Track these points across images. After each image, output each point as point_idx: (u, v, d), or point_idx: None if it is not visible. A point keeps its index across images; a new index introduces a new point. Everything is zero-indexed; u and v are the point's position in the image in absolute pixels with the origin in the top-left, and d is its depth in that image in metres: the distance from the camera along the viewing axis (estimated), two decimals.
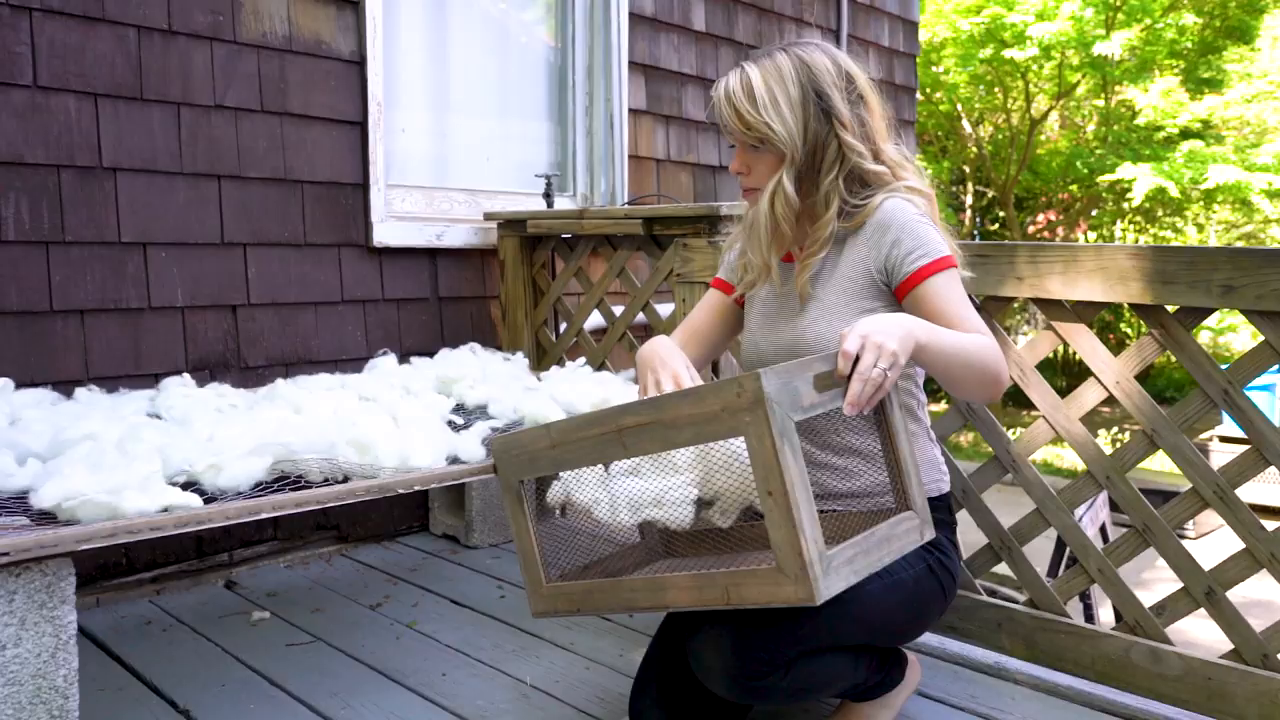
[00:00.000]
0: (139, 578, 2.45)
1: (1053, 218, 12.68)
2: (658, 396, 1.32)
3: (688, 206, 2.57)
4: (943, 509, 1.70)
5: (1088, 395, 1.89)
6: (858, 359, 1.32)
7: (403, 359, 2.58)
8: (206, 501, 1.40)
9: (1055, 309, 1.90)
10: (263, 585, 2.55)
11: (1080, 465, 6.16)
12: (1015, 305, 2.03)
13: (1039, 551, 2.08)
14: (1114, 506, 3.16)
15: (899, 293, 1.58)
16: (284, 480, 1.51)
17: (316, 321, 2.76)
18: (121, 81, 2.37)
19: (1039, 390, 1.94)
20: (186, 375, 2.15)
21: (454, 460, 1.70)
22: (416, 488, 1.55)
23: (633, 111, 3.65)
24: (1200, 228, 11.82)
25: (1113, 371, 1.84)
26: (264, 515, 1.37)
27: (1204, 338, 9.59)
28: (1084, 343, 1.87)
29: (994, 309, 1.98)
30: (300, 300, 2.72)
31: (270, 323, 2.67)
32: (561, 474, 1.52)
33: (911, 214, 1.57)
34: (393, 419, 1.97)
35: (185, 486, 1.45)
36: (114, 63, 2.35)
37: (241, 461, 1.47)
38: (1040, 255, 1.89)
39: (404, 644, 2.16)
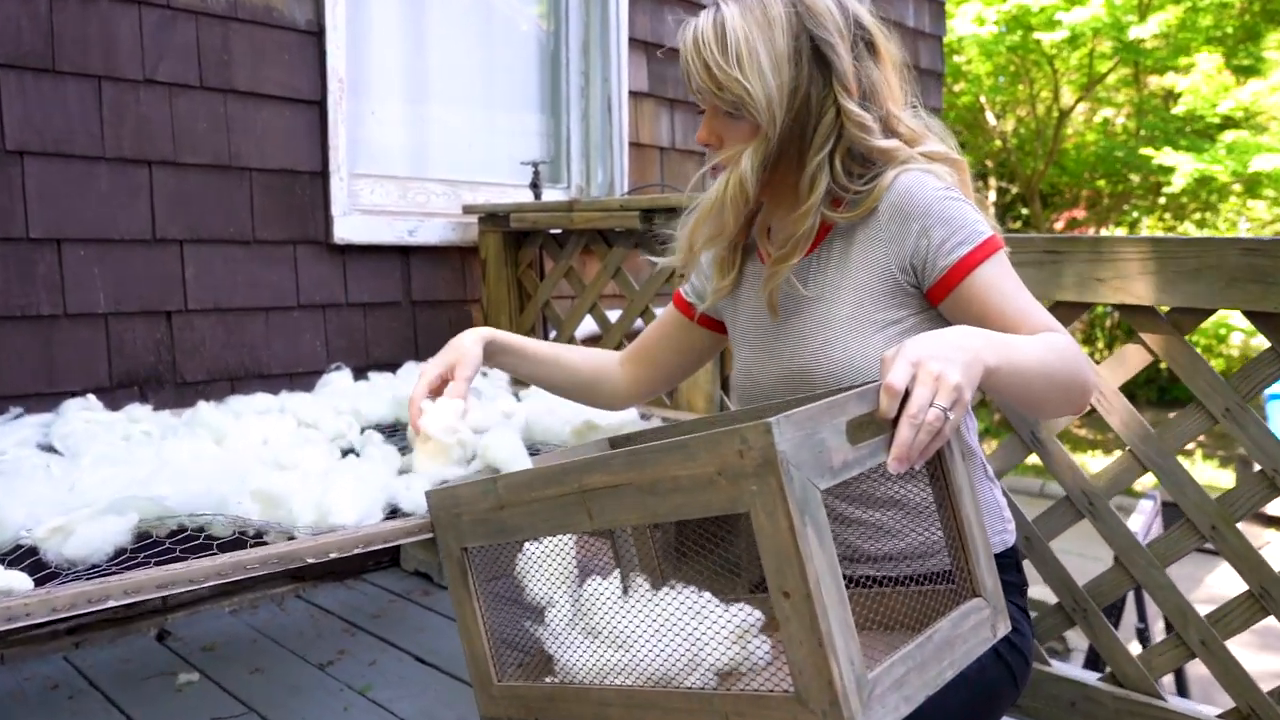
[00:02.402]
0: (54, 628, 2.10)
1: (1077, 215, 12.23)
2: (634, 450, 0.96)
3: (692, 196, 2.20)
4: (1009, 567, 1.34)
5: (1188, 424, 1.51)
6: (907, 395, 0.95)
7: (367, 372, 2.22)
8: (40, 582, 1.04)
9: (1144, 317, 1.53)
10: (201, 635, 2.20)
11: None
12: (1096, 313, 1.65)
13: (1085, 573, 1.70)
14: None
15: (934, 295, 1.21)
16: (153, 542, 1.16)
17: (267, 329, 2.42)
18: (29, 49, 2.02)
19: (1123, 416, 1.57)
20: (90, 396, 1.81)
21: (393, 512, 1.35)
22: (333, 555, 1.20)
23: (633, 94, 3.29)
24: (1231, 224, 11.36)
25: (1221, 396, 1.46)
26: (110, 604, 1.02)
27: None
28: (1183, 359, 1.50)
29: (1062, 318, 1.61)
30: (248, 305, 2.37)
31: (212, 331, 2.32)
32: (521, 545, 1.17)
33: (935, 190, 1.20)
34: (333, 453, 1.62)
35: (17, 560, 1.10)
36: (19, 26, 2.01)
37: (96, 523, 1.12)
38: (1124, 251, 1.52)
39: (352, 717, 1.81)
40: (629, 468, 0.96)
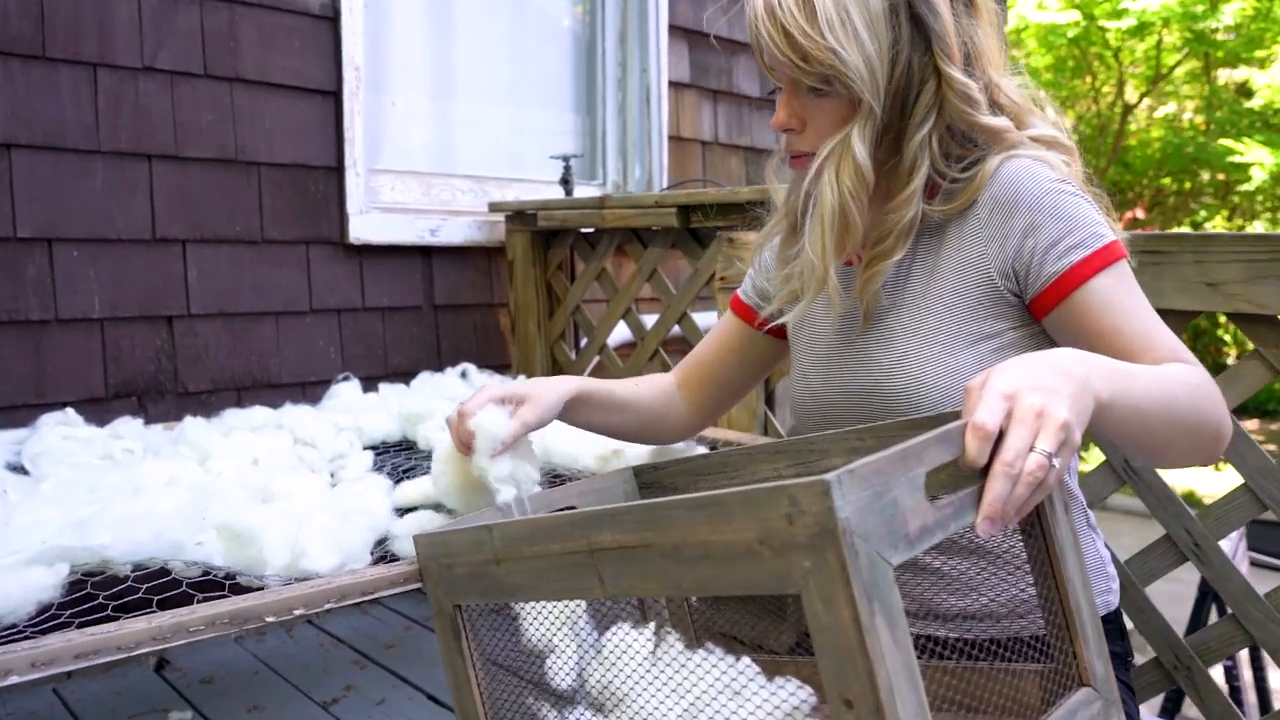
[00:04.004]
0: None
1: (1139, 215, 11.78)
2: (652, 506, 0.76)
3: (734, 191, 2.00)
4: (1113, 634, 1.12)
5: None
6: (1000, 436, 0.74)
7: (387, 382, 2.05)
8: None
9: (1266, 328, 1.30)
10: (201, 665, 2.04)
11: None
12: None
13: (1168, 597, 1.46)
14: (1256, 545, 2.51)
15: (1038, 306, 1.00)
16: (86, 595, 0.98)
17: (278, 335, 2.25)
18: (17, 34, 1.87)
19: (1238, 445, 1.34)
20: (69, 410, 1.65)
21: (384, 556, 1.16)
22: (297, 612, 1.02)
23: (673, 85, 3.09)
24: None
25: None
26: (14, 679, 0.84)
27: None
28: None
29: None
30: (256, 310, 2.21)
31: (217, 338, 2.16)
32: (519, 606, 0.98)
33: (1049, 181, 0.99)
34: (324, 478, 1.45)
35: None
36: (5, 9, 1.86)
37: (16, 575, 0.94)
38: (1241, 250, 1.29)
39: None
40: (645, 525, 0.76)
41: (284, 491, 1.33)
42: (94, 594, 0.98)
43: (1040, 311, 0.99)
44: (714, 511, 0.70)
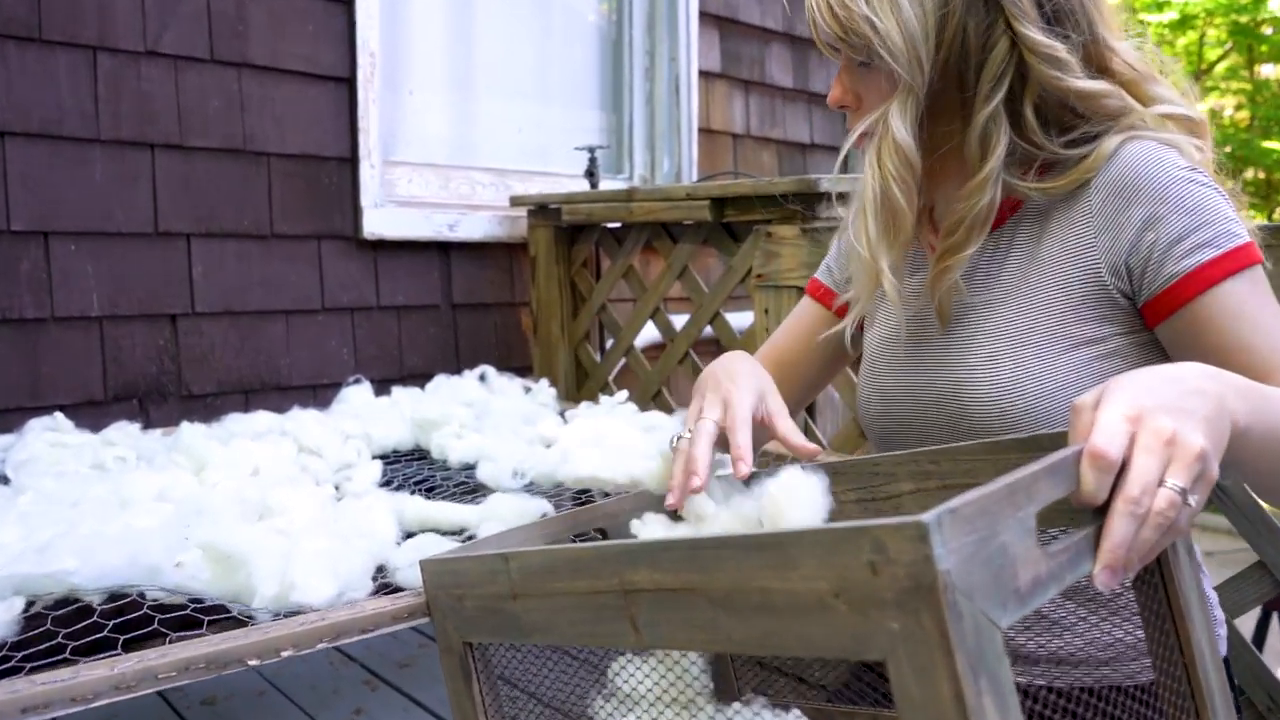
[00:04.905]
0: None
1: None
2: (705, 540, 0.63)
3: (772, 181, 1.87)
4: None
5: None
6: (1124, 466, 0.61)
7: (402, 384, 1.93)
8: None
9: None
10: (203, 685, 1.92)
11: None
12: None
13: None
14: None
15: (1152, 311, 0.86)
16: (46, 632, 0.86)
17: (287, 335, 2.14)
18: (11, 15, 1.77)
19: None
20: (58, 415, 1.54)
21: (384, 585, 1.03)
22: (285, 654, 0.89)
23: (704, 74, 2.95)
24: None
25: None
26: None
27: None
28: None
29: None
30: (264, 308, 2.10)
31: (223, 337, 2.05)
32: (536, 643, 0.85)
33: (1177, 168, 0.85)
34: (329, 494, 1.33)
35: None
36: None
37: None
38: None
39: None
40: (690, 565, 0.63)
41: (281, 506, 1.21)
42: (54, 631, 0.86)
43: (1154, 318, 0.85)
44: (777, 553, 0.57)
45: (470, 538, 1.13)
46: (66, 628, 0.86)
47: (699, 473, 0.83)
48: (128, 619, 0.89)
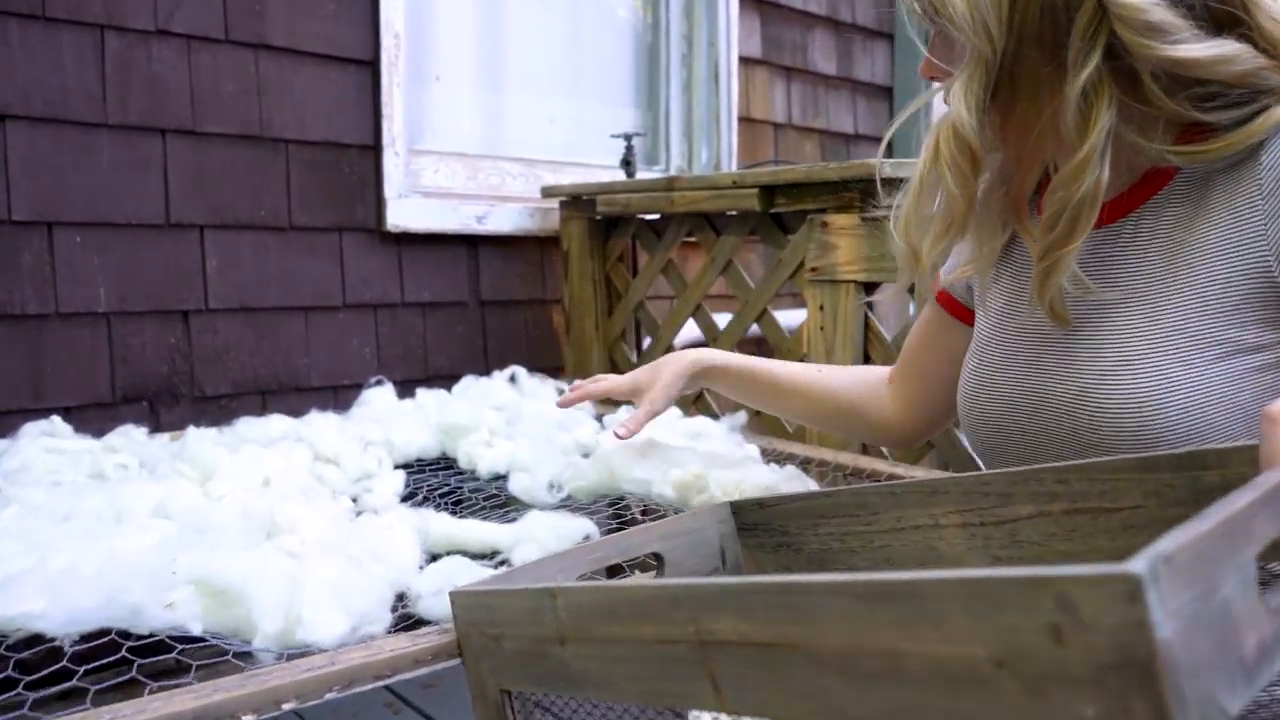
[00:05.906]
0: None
1: None
2: (809, 581, 0.49)
3: (826, 167, 1.72)
4: None
5: None
6: None
7: (428, 385, 1.81)
8: None
9: None
10: None
11: None
12: None
13: None
14: None
15: None
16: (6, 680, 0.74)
17: (307, 333, 2.02)
18: None
19: None
20: (55, 418, 1.42)
21: (405, 617, 0.90)
22: (287, 706, 0.76)
23: (744, 60, 2.81)
24: None
25: None
26: None
27: None
28: None
29: None
30: (283, 304, 1.98)
31: (239, 335, 1.93)
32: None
33: None
34: (346, 508, 1.20)
35: None
36: None
37: None
38: None
39: None
40: (788, 614, 0.49)
41: (291, 523, 1.08)
42: (14, 679, 0.73)
43: None
44: (911, 606, 0.43)
45: (504, 563, 1.00)
46: (29, 675, 0.73)
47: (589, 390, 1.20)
48: (103, 663, 0.76)
